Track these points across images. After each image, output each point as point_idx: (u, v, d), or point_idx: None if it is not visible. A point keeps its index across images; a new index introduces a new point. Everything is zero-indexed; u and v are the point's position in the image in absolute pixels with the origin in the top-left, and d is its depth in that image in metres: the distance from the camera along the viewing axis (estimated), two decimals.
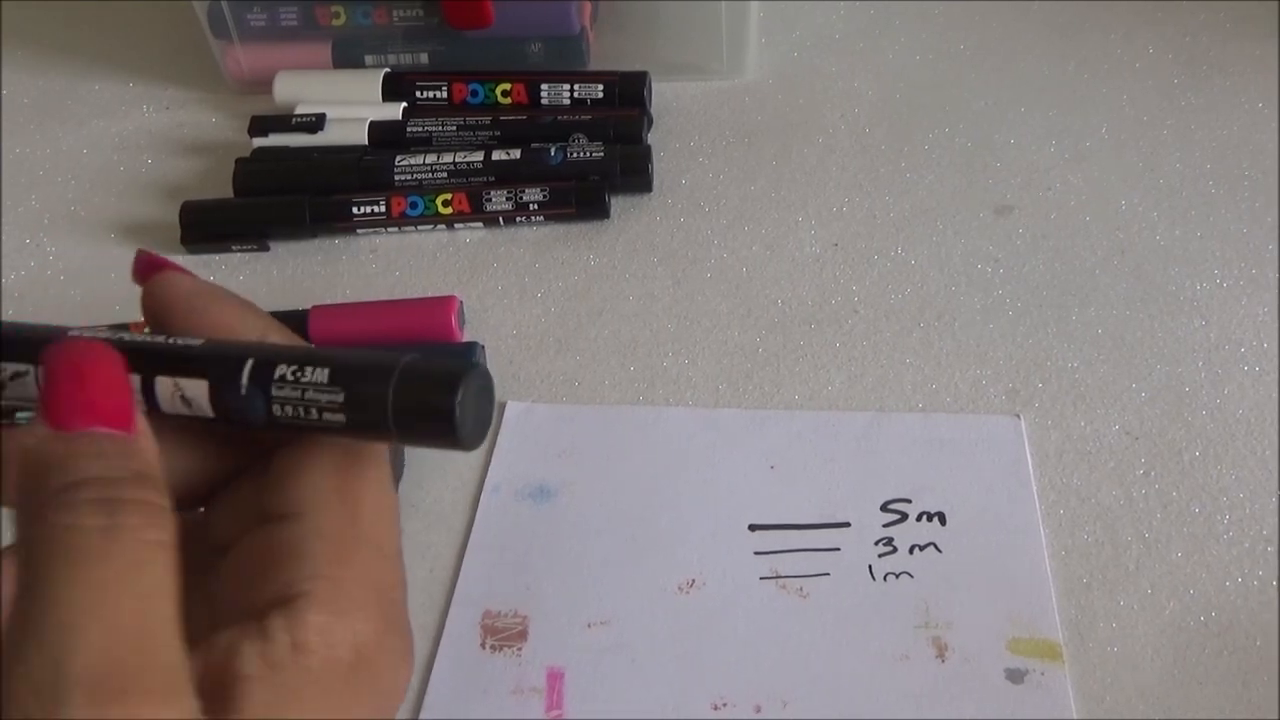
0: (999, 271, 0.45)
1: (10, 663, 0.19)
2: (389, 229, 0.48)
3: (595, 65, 0.53)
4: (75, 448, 0.21)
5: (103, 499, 0.20)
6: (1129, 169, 0.49)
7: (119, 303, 0.47)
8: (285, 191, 0.49)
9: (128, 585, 0.20)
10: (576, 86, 0.51)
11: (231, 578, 0.23)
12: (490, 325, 0.45)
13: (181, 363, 0.23)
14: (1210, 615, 0.35)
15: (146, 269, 0.26)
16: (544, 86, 0.51)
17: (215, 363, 0.23)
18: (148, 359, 0.23)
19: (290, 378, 0.22)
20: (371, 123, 0.51)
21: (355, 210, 0.48)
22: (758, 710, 0.33)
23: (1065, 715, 0.33)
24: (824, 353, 0.43)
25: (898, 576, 0.36)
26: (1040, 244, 0.46)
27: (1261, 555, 0.36)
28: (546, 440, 0.40)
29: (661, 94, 0.53)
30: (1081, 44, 0.54)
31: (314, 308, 0.44)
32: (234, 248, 0.48)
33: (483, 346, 0.43)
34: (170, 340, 0.23)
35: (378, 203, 0.48)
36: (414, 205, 0.48)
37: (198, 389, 0.23)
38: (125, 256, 0.49)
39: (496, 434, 0.41)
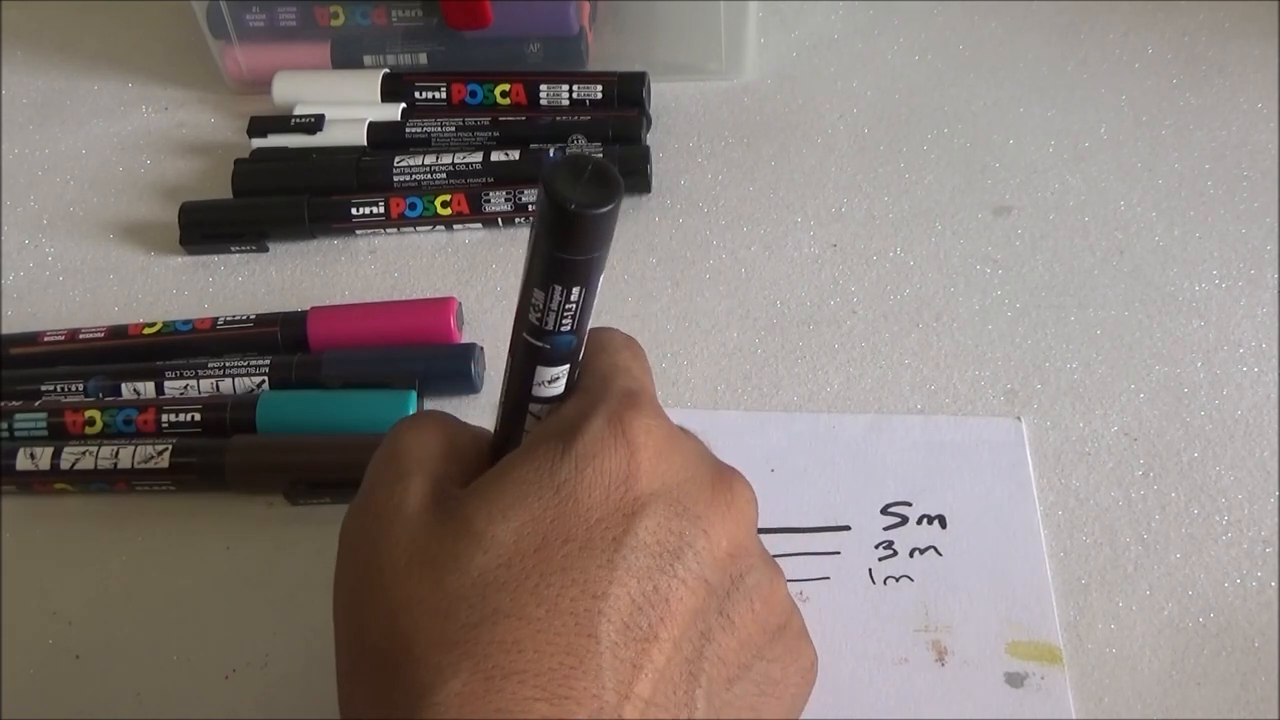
0: (998, 272, 0.45)
1: None
2: (388, 230, 0.48)
3: (594, 66, 0.53)
4: None
5: None
6: (1128, 169, 0.48)
7: (118, 304, 0.47)
8: (284, 192, 0.49)
9: None
10: (575, 87, 0.51)
11: None
12: (489, 326, 0.45)
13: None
14: (1209, 616, 0.35)
15: None
16: (543, 87, 0.51)
17: None
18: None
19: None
20: (370, 123, 0.51)
21: (354, 211, 0.48)
22: None
23: (1065, 718, 0.33)
24: (822, 354, 0.43)
25: (898, 580, 0.36)
26: (1039, 244, 0.46)
27: (1260, 556, 0.36)
28: None
29: (660, 94, 0.53)
30: (1081, 44, 0.54)
31: (312, 309, 0.44)
32: (233, 248, 0.48)
33: (481, 348, 0.43)
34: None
35: (377, 203, 0.48)
36: (413, 206, 0.48)
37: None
38: (124, 257, 0.49)
39: None
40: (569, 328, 0.26)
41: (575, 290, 0.25)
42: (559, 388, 0.28)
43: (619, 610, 0.24)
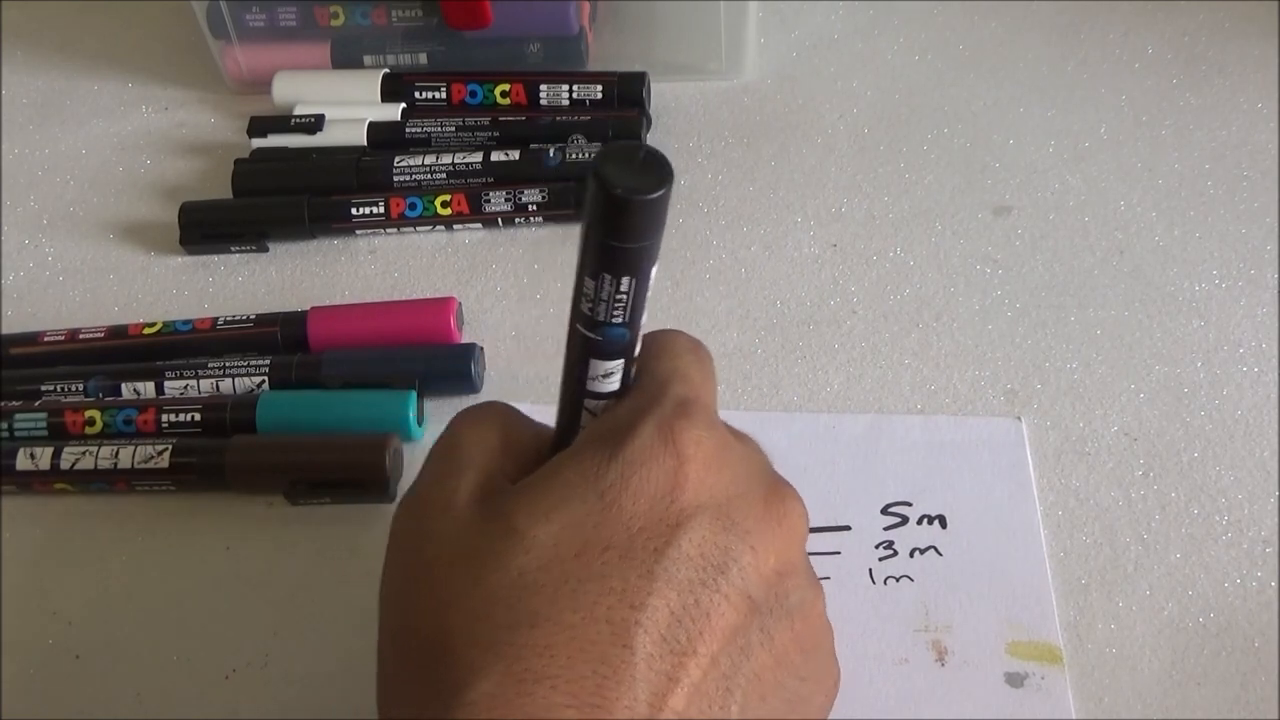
0: (998, 272, 0.45)
1: None
2: (388, 230, 0.48)
3: (594, 66, 0.53)
4: None
5: None
6: (1128, 169, 0.48)
7: (118, 304, 0.47)
8: (284, 192, 0.49)
9: None
10: (575, 87, 0.51)
11: None
12: (489, 326, 0.45)
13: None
14: (1209, 616, 0.35)
15: None
16: (543, 87, 0.51)
17: None
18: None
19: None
20: (370, 123, 0.51)
21: (354, 211, 0.48)
22: None
23: (1065, 718, 0.33)
24: (822, 354, 0.43)
25: (898, 580, 0.36)
26: (1039, 244, 0.46)
27: (1260, 556, 0.36)
28: None
29: (660, 94, 0.53)
30: (1081, 44, 0.54)
31: (312, 309, 0.44)
32: (233, 248, 0.48)
33: (481, 348, 0.43)
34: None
35: (377, 203, 0.48)
36: (413, 206, 0.48)
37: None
38: (124, 257, 0.49)
39: None
40: (620, 319, 0.25)
41: (625, 280, 0.24)
42: (614, 383, 0.27)
43: (656, 622, 0.24)
